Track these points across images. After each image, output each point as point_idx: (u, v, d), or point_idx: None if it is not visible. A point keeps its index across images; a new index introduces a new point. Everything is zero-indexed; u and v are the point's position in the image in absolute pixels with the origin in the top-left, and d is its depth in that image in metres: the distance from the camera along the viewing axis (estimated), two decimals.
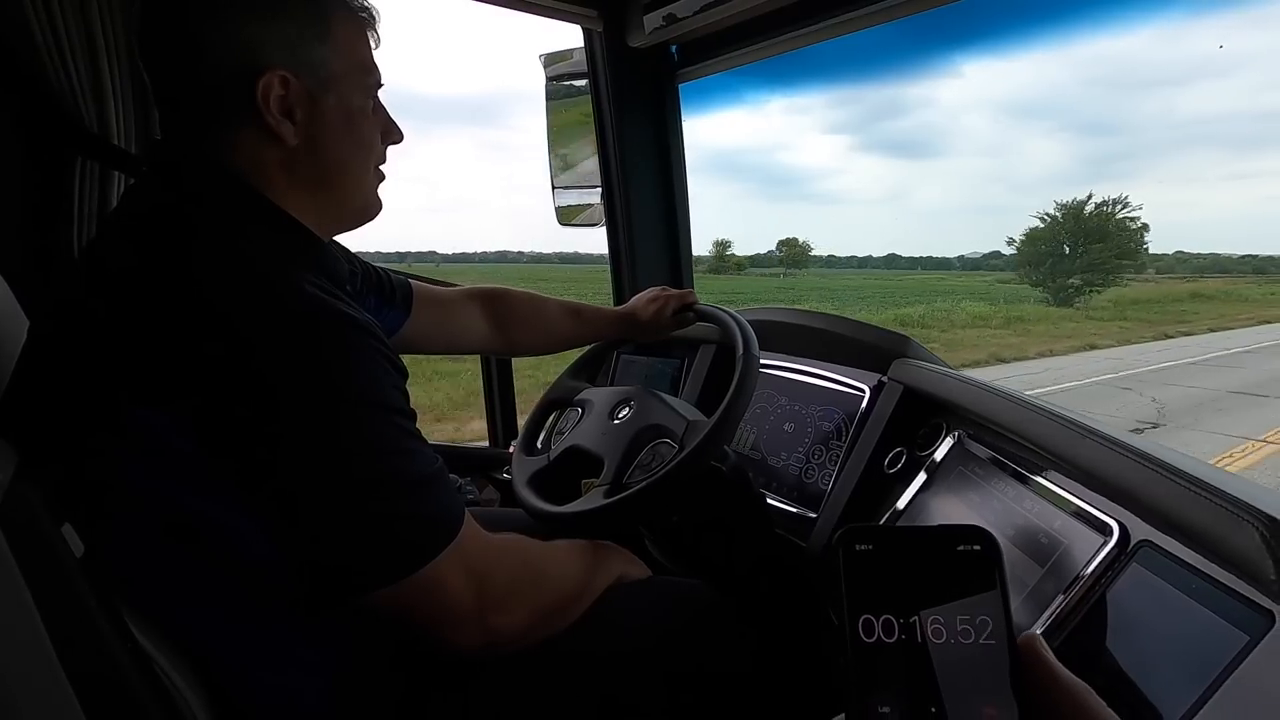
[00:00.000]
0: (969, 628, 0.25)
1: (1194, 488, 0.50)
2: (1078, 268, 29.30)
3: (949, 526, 0.27)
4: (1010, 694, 0.24)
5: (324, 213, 0.65)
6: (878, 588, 0.26)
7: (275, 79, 0.58)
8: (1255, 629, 0.43)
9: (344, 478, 0.52)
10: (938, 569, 0.26)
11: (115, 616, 0.47)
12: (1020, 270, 32.53)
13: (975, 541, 0.26)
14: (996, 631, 0.25)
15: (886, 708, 0.24)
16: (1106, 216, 30.91)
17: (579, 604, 0.70)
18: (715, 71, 1.41)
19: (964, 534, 0.27)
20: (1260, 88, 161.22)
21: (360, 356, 0.54)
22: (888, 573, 0.26)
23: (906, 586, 0.26)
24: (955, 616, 0.25)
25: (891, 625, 0.25)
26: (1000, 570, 0.26)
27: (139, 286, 0.53)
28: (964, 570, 0.26)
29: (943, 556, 0.26)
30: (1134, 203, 28.96)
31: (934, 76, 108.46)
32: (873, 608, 0.26)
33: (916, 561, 0.26)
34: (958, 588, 0.26)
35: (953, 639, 0.25)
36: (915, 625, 0.25)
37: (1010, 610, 0.26)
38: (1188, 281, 38.72)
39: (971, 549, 0.26)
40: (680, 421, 0.84)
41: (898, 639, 0.25)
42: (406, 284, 0.94)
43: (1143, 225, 54.68)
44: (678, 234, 1.49)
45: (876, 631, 0.25)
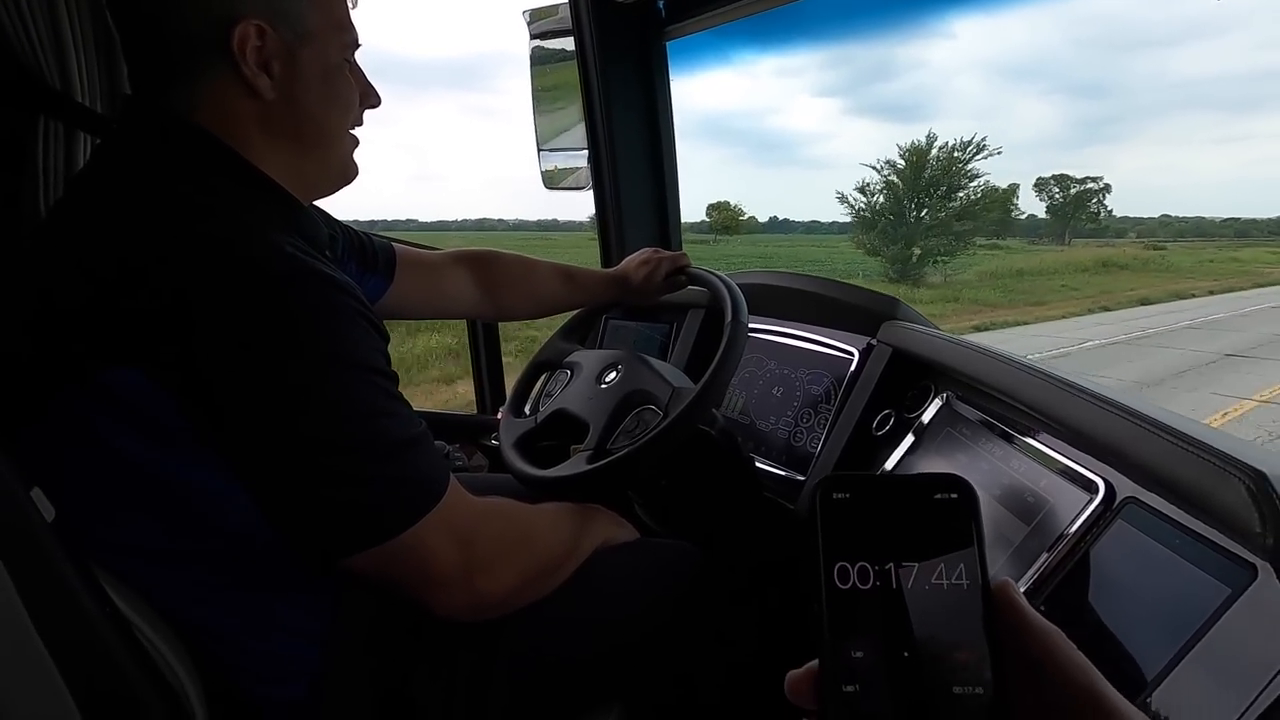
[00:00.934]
0: (944, 574, 0.25)
1: (1181, 443, 0.49)
2: (921, 232, 22.69)
3: (926, 475, 0.27)
4: (983, 638, 0.25)
5: (301, 175, 0.64)
6: (854, 535, 0.26)
7: (251, 28, 0.56)
8: (1238, 582, 0.43)
9: (324, 440, 0.51)
10: (914, 517, 0.26)
11: (91, 581, 0.46)
12: (854, 235, 25.84)
13: (952, 489, 0.26)
14: (971, 577, 0.25)
15: (860, 653, 0.25)
16: (952, 165, 22.85)
17: (566, 566, 0.70)
18: (703, 28, 1.37)
19: (941, 482, 0.27)
20: (1254, 47, 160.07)
21: (339, 317, 0.53)
22: (864, 520, 0.26)
23: (883, 534, 0.26)
24: (930, 563, 0.26)
25: (867, 572, 0.26)
26: (976, 518, 0.26)
27: (109, 245, 0.51)
28: (940, 518, 0.26)
29: (920, 504, 0.26)
30: (990, 146, 22.77)
31: (926, 37, 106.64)
32: (848, 555, 0.26)
33: (893, 509, 0.27)
34: (934, 535, 0.26)
35: (927, 585, 0.25)
36: (890, 572, 0.25)
37: (985, 557, 0.26)
38: (1104, 248, 36.19)
39: (949, 497, 0.26)
40: (666, 388, 0.83)
41: (872, 585, 0.25)
42: (389, 247, 0.92)
43: (1105, 186, 53.05)
44: (666, 195, 1.47)
45: (851, 578, 0.25)
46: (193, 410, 0.50)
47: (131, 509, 0.53)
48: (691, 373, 0.93)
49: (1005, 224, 52.91)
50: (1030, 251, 31.70)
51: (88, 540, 0.51)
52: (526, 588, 0.65)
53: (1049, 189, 54.52)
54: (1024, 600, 0.26)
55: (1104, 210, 54.55)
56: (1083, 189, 52.90)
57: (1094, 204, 53.51)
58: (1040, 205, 54.74)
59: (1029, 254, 30.03)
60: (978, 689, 0.24)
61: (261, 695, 0.58)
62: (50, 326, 0.51)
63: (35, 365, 0.52)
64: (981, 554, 0.26)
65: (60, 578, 0.43)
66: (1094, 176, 56.02)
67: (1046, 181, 54.58)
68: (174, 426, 0.50)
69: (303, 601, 0.59)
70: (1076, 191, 52.93)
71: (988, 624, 0.25)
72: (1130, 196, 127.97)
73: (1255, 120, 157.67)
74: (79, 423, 0.51)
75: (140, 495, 0.52)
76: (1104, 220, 55.65)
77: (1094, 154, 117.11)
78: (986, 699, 0.24)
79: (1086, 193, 53.02)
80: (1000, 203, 34.27)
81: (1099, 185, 53.64)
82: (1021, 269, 21.91)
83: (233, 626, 0.57)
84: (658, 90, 1.43)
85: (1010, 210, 54.53)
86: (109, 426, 0.50)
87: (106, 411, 0.50)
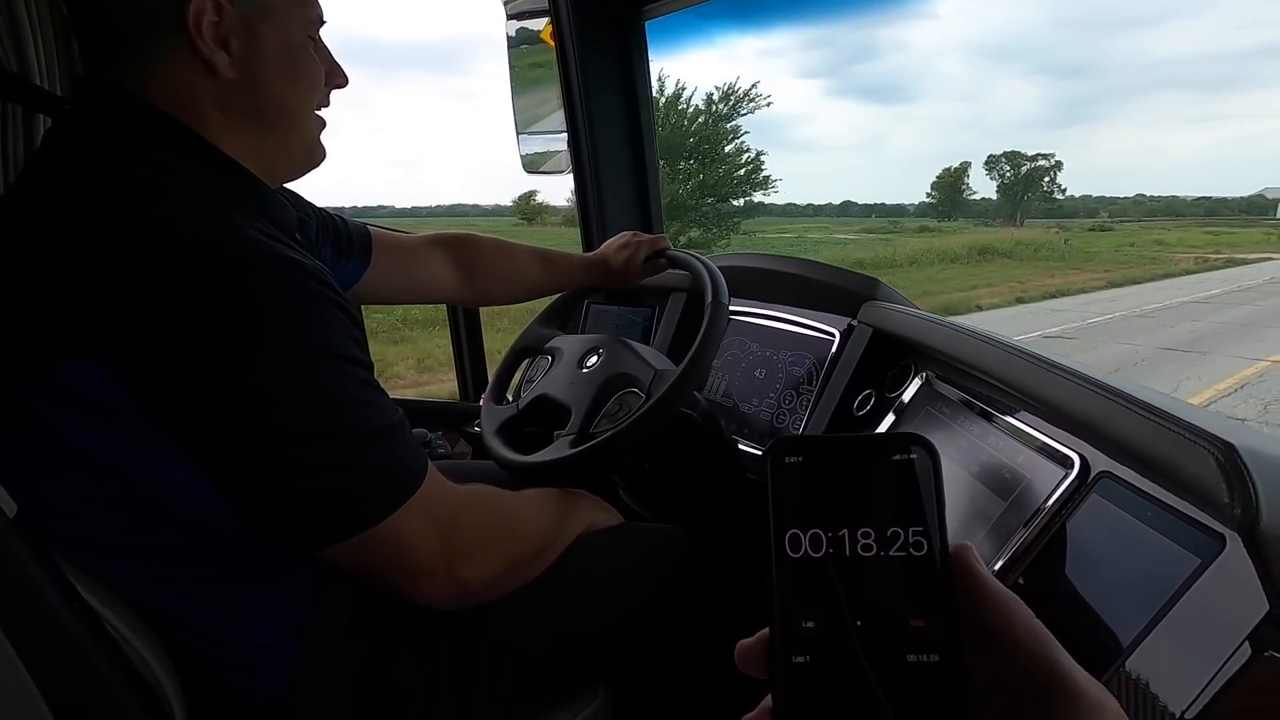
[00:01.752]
0: (901, 539, 0.24)
1: (1153, 417, 0.50)
2: (699, 211, 15.20)
3: (883, 435, 0.26)
4: (939, 606, 0.24)
5: (265, 157, 0.61)
6: (806, 501, 0.25)
7: (207, 3, 0.54)
8: (1207, 552, 0.44)
9: (297, 431, 0.50)
10: (871, 479, 0.25)
11: (58, 577, 0.45)
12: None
13: (910, 449, 0.25)
14: (930, 542, 0.24)
15: (811, 623, 0.24)
16: (710, 125, 15.13)
17: (550, 552, 0.70)
18: (682, 7, 1.36)
19: (899, 441, 0.25)
20: (1231, 27, 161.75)
21: (307, 303, 0.51)
22: (817, 485, 0.25)
23: (837, 499, 0.25)
24: (887, 528, 0.24)
25: (819, 539, 0.24)
26: (937, 478, 0.25)
27: (59, 231, 0.49)
28: (898, 480, 0.25)
29: (876, 466, 0.25)
30: (765, 94, 14.83)
31: (908, 17, 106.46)
32: (800, 522, 0.25)
33: (849, 472, 0.25)
34: (891, 498, 0.25)
35: (883, 551, 0.24)
36: (843, 539, 0.24)
37: (944, 520, 0.25)
38: (977, 231, 32.74)
39: (907, 457, 0.25)
40: (648, 371, 0.83)
41: (825, 553, 0.24)
42: (365, 231, 0.90)
43: (1056, 163, 51.32)
44: (647, 178, 1.46)
45: (803, 546, 0.24)
46: (155, 401, 0.48)
47: (93, 502, 0.51)
48: (674, 356, 0.93)
49: (956, 204, 51.70)
50: (877, 236, 28.79)
51: (51, 536, 0.49)
52: (509, 575, 0.65)
53: (999, 167, 52.70)
54: (983, 566, 0.25)
55: (1057, 189, 53.30)
56: (1034, 167, 51.42)
57: (1046, 182, 52.24)
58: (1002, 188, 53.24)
59: (885, 239, 26.65)
60: (933, 657, 0.23)
61: (240, 687, 0.57)
62: (5, 316, 0.49)
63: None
64: (941, 517, 0.25)
65: (25, 574, 0.42)
66: (1045, 154, 54.22)
67: (997, 159, 52.72)
68: (133, 418, 0.48)
69: (278, 591, 0.58)
70: (1027, 169, 51.42)
71: (944, 591, 0.24)
72: (1108, 177, 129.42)
73: (1231, 100, 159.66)
74: (36, 417, 0.49)
75: (102, 489, 0.51)
76: (1060, 200, 54.53)
77: (1074, 134, 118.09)
78: (941, 667, 0.23)
79: (1038, 170, 51.57)
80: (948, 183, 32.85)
81: (1050, 163, 52.12)
82: (862, 259, 17.87)
83: (206, 618, 0.56)
84: (637, 71, 1.42)
85: (962, 190, 53.04)
86: (67, 421, 0.49)
87: (64, 405, 0.48)
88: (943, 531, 0.25)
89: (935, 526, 0.25)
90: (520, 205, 33.99)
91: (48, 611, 0.43)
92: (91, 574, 0.51)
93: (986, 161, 53.57)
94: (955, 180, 52.97)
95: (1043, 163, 52.48)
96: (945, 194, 49.23)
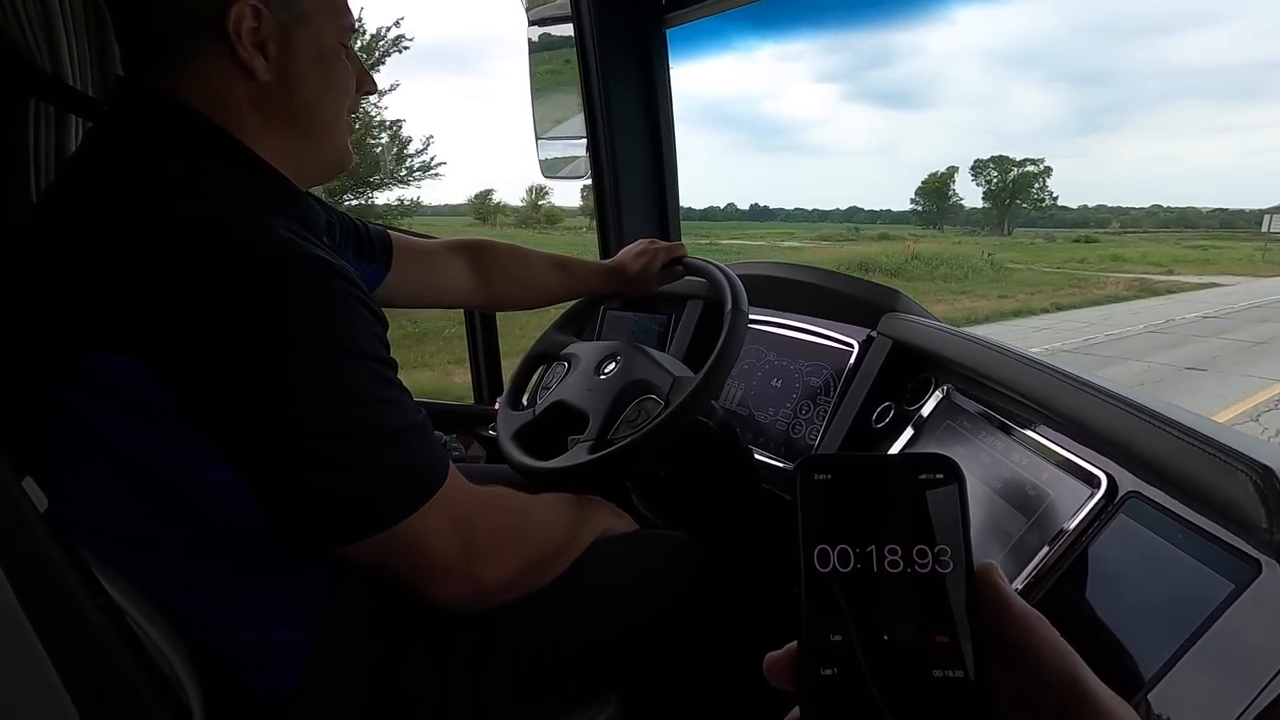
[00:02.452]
0: (927, 556, 0.25)
1: (1186, 437, 0.49)
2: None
3: (911, 455, 0.27)
4: (965, 622, 0.24)
5: (296, 159, 0.63)
6: (835, 517, 0.26)
7: (247, 8, 0.55)
8: (1241, 578, 0.43)
9: (322, 427, 0.51)
10: (898, 498, 0.26)
11: (84, 572, 0.45)
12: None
13: (938, 469, 0.26)
14: (955, 560, 0.25)
15: (839, 636, 0.24)
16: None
17: (565, 556, 0.70)
18: (704, 15, 1.36)
19: (926, 462, 0.26)
20: (1252, 36, 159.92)
21: (336, 302, 0.52)
22: (846, 502, 0.26)
23: (865, 515, 0.26)
24: (913, 545, 0.25)
25: (847, 555, 0.25)
26: (963, 498, 0.26)
27: (99, 228, 0.50)
28: (925, 498, 0.26)
29: (904, 485, 0.26)
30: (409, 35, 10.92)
31: (926, 22, 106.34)
32: (828, 537, 0.25)
33: (877, 490, 0.26)
34: (918, 516, 0.25)
35: (909, 568, 0.25)
36: (871, 555, 0.25)
37: (970, 538, 0.25)
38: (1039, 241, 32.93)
39: (934, 477, 0.26)
40: (666, 377, 0.83)
41: (853, 568, 0.25)
42: (385, 235, 0.91)
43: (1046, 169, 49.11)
44: (665, 185, 1.46)
45: (831, 561, 0.25)
46: (184, 395, 0.49)
47: (120, 494, 0.52)
48: (690, 363, 0.93)
49: (943, 212, 49.76)
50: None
51: (76, 526, 0.50)
52: (525, 577, 0.65)
53: (986, 172, 50.47)
54: (1006, 584, 0.26)
55: (1048, 196, 51.28)
56: (1022, 172, 49.45)
57: (1036, 189, 50.14)
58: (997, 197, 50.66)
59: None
60: (958, 672, 0.24)
61: (255, 684, 0.57)
62: (39, 312, 0.50)
63: (25, 352, 0.51)
64: (966, 535, 0.25)
65: (54, 569, 0.43)
66: (1034, 159, 52.07)
67: (984, 164, 50.48)
68: (164, 411, 0.49)
69: (295, 589, 0.59)
70: (1015, 175, 49.39)
71: (970, 608, 0.25)
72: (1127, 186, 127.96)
73: (1253, 110, 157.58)
74: (67, 408, 0.50)
75: (129, 480, 0.51)
76: (1048, 207, 52.57)
77: (1092, 142, 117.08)
78: (966, 683, 0.24)
79: (1025, 176, 49.54)
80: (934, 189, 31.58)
81: (1039, 168, 50.03)
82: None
83: (224, 614, 0.56)
84: (657, 79, 1.42)
85: (949, 196, 51.01)
86: (99, 411, 0.49)
87: (97, 396, 0.49)
88: (968, 549, 0.25)
89: (961, 545, 0.25)
90: (475, 205, 33.81)
91: (75, 605, 0.43)
92: (115, 567, 0.51)
93: (973, 167, 51.46)
94: (940, 186, 51.33)
95: (1031, 168, 50.60)
96: (931, 201, 47.25)
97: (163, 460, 0.51)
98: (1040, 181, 51.71)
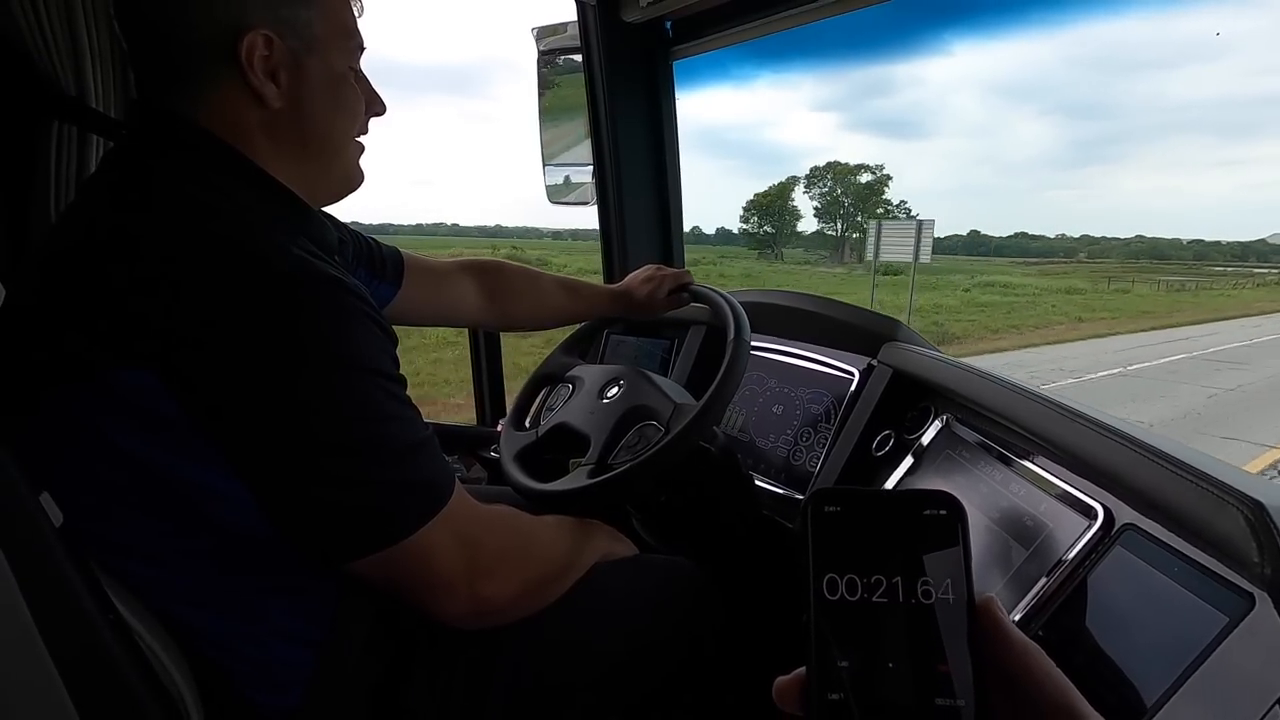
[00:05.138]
0: (930, 588, 0.26)
1: (1180, 471, 0.50)
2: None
3: (916, 491, 0.28)
4: (966, 652, 0.25)
5: (308, 181, 0.64)
6: (843, 548, 0.27)
7: (259, 38, 0.57)
8: (1235, 611, 0.44)
9: (331, 443, 0.52)
10: (903, 532, 0.27)
11: (95, 587, 0.46)
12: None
13: (941, 506, 0.27)
14: (956, 592, 0.26)
15: (845, 662, 0.25)
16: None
17: (567, 577, 0.70)
18: (711, 49, 1.39)
19: (930, 498, 0.27)
20: (1249, 72, 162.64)
21: (347, 319, 0.53)
22: (854, 534, 0.27)
23: (871, 548, 0.27)
24: (917, 578, 0.26)
25: (855, 585, 0.26)
26: (964, 534, 0.27)
27: (119, 246, 0.51)
28: (929, 533, 0.27)
29: (909, 520, 0.27)
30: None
31: (923, 55, 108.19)
32: (837, 567, 0.27)
33: (883, 524, 0.27)
34: (922, 550, 0.27)
35: (913, 599, 0.26)
36: (878, 585, 0.26)
37: (971, 573, 0.27)
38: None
39: (937, 513, 0.27)
40: (668, 404, 0.83)
41: (860, 597, 0.26)
42: (397, 254, 0.92)
43: (884, 176, 39.19)
44: (669, 213, 1.48)
45: (840, 590, 0.26)
46: (198, 409, 0.50)
47: (133, 507, 0.52)
48: (692, 389, 0.94)
49: (781, 234, 38.91)
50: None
51: (88, 538, 0.51)
52: (528, 595, 0.65)
53: (821, 182, 40.00)
54: (1006, 616, 0.27)
55: (894, 208, 40.71)
56: (858, 182, 38.23)
57: (872, 201, 38.90)
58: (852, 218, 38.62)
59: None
60: (959, 701, 0.25)
61: (258, 701, 0.57)
62: (57, 326, 0.51)
63: (44, 367, 0.52)
64: (968, 570, 0.26)
65: (66, 584, 0.43)
66: (871, 165, 40.87)
67: (821, 173, 39.93)
68: (179, 424, 0.50)
69: (301, 607, 0.59)
70: (855, 185, 38.25)
71: (971, 638, 0.26)
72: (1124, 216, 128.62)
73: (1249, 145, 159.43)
74: (82, 421, 0.51)
75: (143, 494, 0.52)
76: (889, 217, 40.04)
77: (1088, 175, 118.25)
78: (967, 711, 0.25)
79: (858, 187, 38.17)
80: (765, 206, 25.68)
81: (877, 175, 39.28)
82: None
83: (231, 630, 0.56)
84: (664, 109, 1.45)
85: (788, 215, 40.18)
86: (114, 424, 0.50)
87: (112, 409, 0.50)
88: (969, 582, 0.26)
89: (962, 578, 0.26)
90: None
91: (84, 620, 0.44)
92: (126, 582, 0.52)
93: (808, 175, 41.53)
94: (772, 203, 40.41)
95: (867, 176, 39.85)
96: (763, 221, 38.11)
97: (177, 475, 0.51)
98: (879, 192, 39.44)
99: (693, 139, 78.89)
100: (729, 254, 36.96)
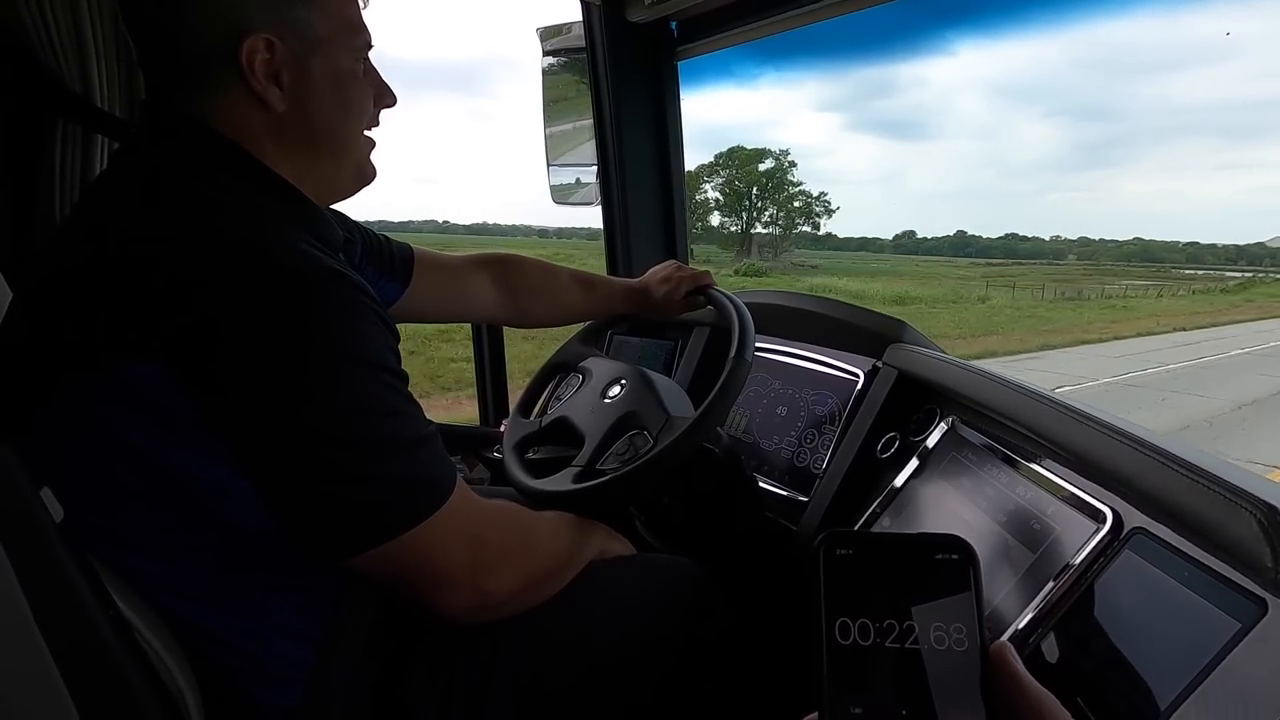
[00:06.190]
0: (943, 634, 0.26)
1: (1191, 474, 0.49)
2: None
3: (928, 535, 0.28)
4: (979, 699, 0.25)
5: (318, 180, 0.64)
6: (856, 592, 0.27)
7: (260, 42, 0.57)
8: (1247, 616, 0.43)
9: (334, 437, 0.52)
10: (916, 576, 0.27)
11: (95, 582, 0.46)
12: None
13: (954, 551, 0.27)
14: (969, 638, 0.26)
15: (859, 709, 0.25)
16: None
17: (566, 572, 0.70)
18: (715, 49, 1.39)
19: (943, 543, 0.27)
20: (1256, 75, 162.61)
21: (351, 314, 0.53)
22: (866, 577, 0.27)
23: (884, 591, 0.27)
24: (930, 623, 0.26)
25: (867, 629, 0.26)
26: (976, 579, 0.27)
27: (125, 240, 0.52)
28: (941, 578, 0.27)
29: (921, 564, 0.27)
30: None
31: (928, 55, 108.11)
32: (850, 611, 0.26)
33: (895, 567, 0.27)
34: (934, 595, 0.27)
35: (926, 644, 0.26)
36: (891, 630, 0.26)
37: (983, 619, 0.26)
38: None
39: (950, 558, 0.27)
40: (660, 416, 0.83)
41: (873, 643, 0.26)
42: (408, 250, 0.92)
43: (790, 163, 34.52)
44: (674, 214, 1.48)
45: (852, 634, 0.26)
46: (204, 402, 0.50)
47: (136, 500, 0.52)
48: (694, 392, 0.93)
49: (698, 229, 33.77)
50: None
51: (90, 533, 0.51)
52: (528, 590, 0.65)
53: (729, 170, 34.74)
54: (1019, 663, 0.26)
55: (817, 208, 35.04)
56: (758, 169, 32.31)
57: (773, 187, 33.10)
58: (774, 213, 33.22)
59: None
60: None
61: (259, 699, 0.57)
62: (63, 322, 0.52)
63: (48, 362, 0.52)
64: (980, 615, 0.26)
65: (66, 580, 0.43)
66: (776, 151, 34.54)
67: (727, 160, 34.61)
68: (186, 418, 0.50)
69: (302, 604, 0.59)
70: (755, 175, 32.86)
71: (984, 685, 0.26)
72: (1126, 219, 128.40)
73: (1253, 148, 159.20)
74: (90, 416, 0.51)
75: (148, 487, 0.52)
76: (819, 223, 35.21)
77: (1093, 179, 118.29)
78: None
79: (757, 176, 32.85)
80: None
81: (783, 162, 33.36)
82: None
83: (232, 626, 0.56)
84: (668, 110, 1.45)
85: (697, 210, 36.20)
86: (120, 417, 0.50)
87: (119, 402, 0.50)
88: (982, 628, 0.26)
89: (975, 623, 0.26)
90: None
91: (85, 616, 0.44)
92: (127, 576, 0.52)
93: (710, 164, 35.97)
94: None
95: (770, 163, 34.56)
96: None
97: (184, 470, 0.51)
98: (781, 175, 33.66)
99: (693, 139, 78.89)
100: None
